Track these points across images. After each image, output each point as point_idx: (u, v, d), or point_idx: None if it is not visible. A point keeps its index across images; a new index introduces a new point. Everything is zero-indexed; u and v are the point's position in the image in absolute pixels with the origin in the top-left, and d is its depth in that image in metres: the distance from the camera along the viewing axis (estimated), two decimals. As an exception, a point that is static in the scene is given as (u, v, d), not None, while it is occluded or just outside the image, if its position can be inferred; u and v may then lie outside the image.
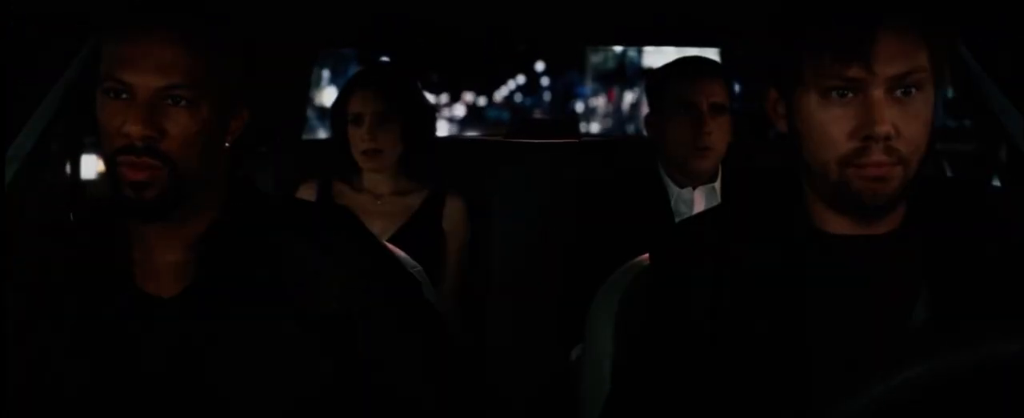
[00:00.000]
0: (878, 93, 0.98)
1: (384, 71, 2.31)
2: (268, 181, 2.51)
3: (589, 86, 19.01)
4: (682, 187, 2.12)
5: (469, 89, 18.76)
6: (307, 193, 2.30)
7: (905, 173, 1.00)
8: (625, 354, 1.29)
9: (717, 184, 2.13)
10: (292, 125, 2.91)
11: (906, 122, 0.99)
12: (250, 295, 1.11)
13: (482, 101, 18.83)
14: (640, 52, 16.42)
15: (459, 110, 18.92)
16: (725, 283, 1.07)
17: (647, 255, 1.30)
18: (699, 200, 2.12)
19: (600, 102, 18.99)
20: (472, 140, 3.49)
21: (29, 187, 1.76)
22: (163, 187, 1.06)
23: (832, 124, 1.00)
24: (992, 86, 1.87)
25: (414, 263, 1.51)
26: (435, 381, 1.20)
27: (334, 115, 2.27)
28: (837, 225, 1.06)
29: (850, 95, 0.99)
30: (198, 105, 1.07)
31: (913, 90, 0.99)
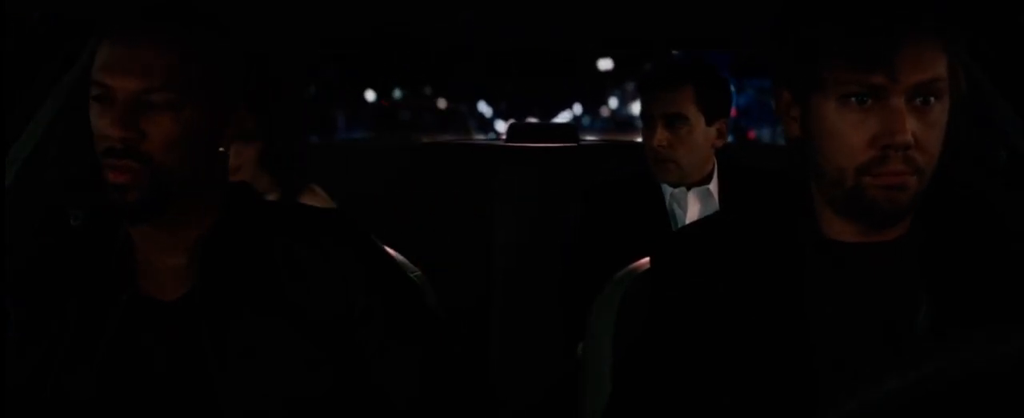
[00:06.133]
0: (899, 101, 0.97)
1: None
2: None
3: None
4: (676, 187, 2.13)
5: (531, 116, 23.68)
6: None
7: (920, 182, 0.99)
8: (625, 359, 1.28)
9: (712, 186, 2.13)
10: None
11: (924, 131, 0.98)
12: (250, 300, 1.11)
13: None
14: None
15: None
16: (727, 289, 1.07)
17: (647, 259, 1.30)
18: (693, 201, 2.12)
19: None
20: (472, 144, 3.50)
21: (29, 189, 1.76)
22: (145, 189, 1.06)
23: (851, 131, 0.99)
24: (991, 87, 1.86)
25: (413, 267, 1.50)
26: (435, 385, 1.20)
27: None
28: (844, 232, 1.05)
29: (870, 102, 0.98)
30: (180, 108, 1.07)
31: (932, 99, 0.98)
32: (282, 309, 1.11)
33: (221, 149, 1.14)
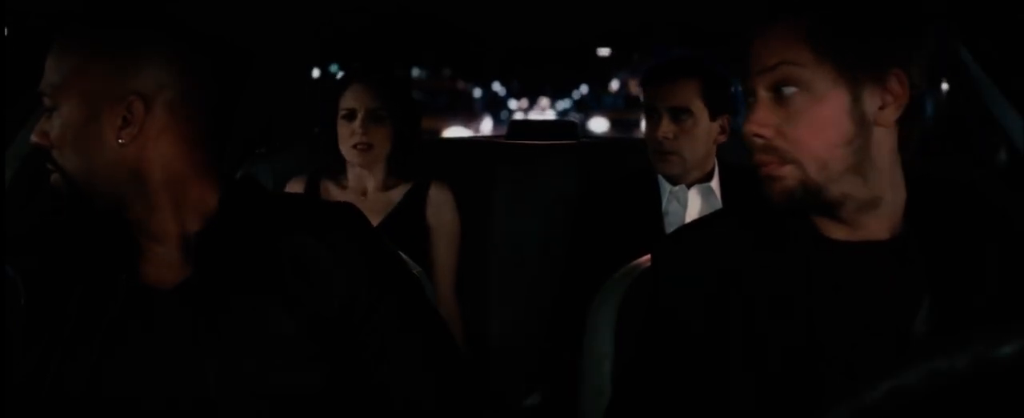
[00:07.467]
0: (761, 95, 1.02)
1: (378, 69, 2.32)
2: (267, 181, 2.51)
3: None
4: (676, 185, 2.12)
5: (543, 95, 27.08)
6: (294, 190, 2.31)
7: (803, 173, 1.01)
8: (626, 358, 1.29)
9: (713, 183, 2.12)
10: (290, 126, 2.91)
11: (787, 121, 1.01)
12: (248, 290, 1.11)
13: (560, 105, 27.16)
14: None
15: (535, 113, 25.85)
16: (727, 288, 1.07)
17: (647, 257, 1.30)
18: (694, 199, 2.11)
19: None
20: (472, 141, 3.50)
21: (29, 188, 1.76)
22: (64, 189, 1.10)
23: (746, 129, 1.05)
24: (992, 86, 1.87)
25: (415, 264, 1.51)
26: (435, 382, 1.20)
27: (324, 110, 2.28)
28: (835, 231, 1.06)
29: (754, 103, 1.03)
30: (58, 108, 1.09)
31: (790, 89, 1.00)
32: (281, 302, 1.11)
33: (120, 141, 1.09)
